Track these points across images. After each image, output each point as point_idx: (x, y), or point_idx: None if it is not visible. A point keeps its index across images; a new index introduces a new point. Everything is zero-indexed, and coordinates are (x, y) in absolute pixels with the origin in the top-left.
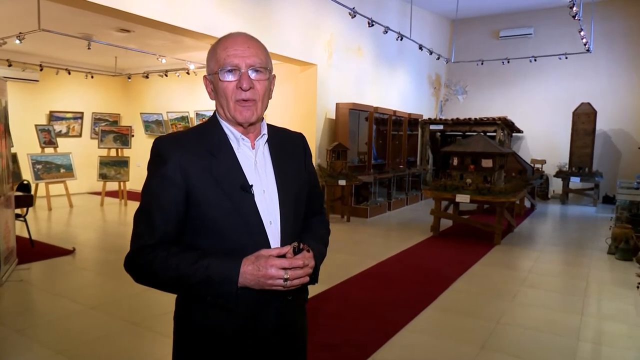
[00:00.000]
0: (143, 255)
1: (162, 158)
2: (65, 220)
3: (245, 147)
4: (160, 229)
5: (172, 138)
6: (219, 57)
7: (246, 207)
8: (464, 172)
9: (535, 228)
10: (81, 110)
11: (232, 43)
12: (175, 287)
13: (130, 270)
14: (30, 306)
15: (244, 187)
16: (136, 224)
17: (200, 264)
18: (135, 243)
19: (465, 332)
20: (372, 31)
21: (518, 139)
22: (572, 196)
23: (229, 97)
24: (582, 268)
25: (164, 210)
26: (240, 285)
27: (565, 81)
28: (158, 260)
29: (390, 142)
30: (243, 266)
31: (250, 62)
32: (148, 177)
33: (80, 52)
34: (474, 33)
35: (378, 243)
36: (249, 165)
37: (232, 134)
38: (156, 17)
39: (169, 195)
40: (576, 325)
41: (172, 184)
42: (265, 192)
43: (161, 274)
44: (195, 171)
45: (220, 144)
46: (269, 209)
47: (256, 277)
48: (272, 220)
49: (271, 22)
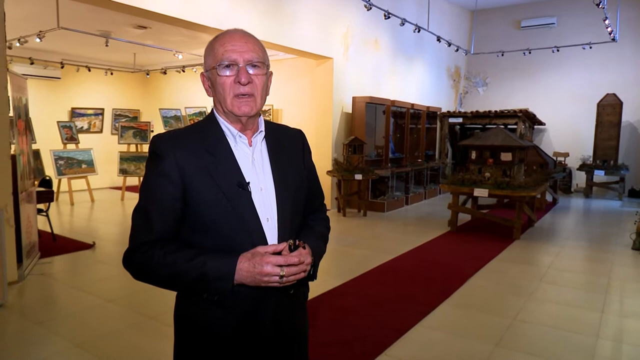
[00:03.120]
0: (140, 252)
1: (159, 156)
2: (87, 215)
3: (243, 144)
4: (157, 226)
5: (169, 136)
6: (217, 52)
7: (243, 205)
8: (482, 165)
9: (556, 223)
10: (102, 107)
11: (230, 39)
12: (172, 284)
13: (129, 267)
14: (51, 299)
15: (241, 184)
16: (134, 222)
17: (196, 261)
18: (133, 240)
19: (480, 329)
20: (389, 23)
21: (540, 132)
22: (596, 190)
23: (227, 92)
24: (605, 264)
25: (161, 208)
26: (236, 282)
27: (590, 72)
28: (155, 257)
29: (408, 135)
30: (239, 263)
31: (248, 57)
32: (145, 175)
33: (99, 49)
34: (495, 24)
35: (394, 238)
36: (246, 163)
37: (229, 131)
38: (172, 14)
39: (166, 193)
40: (596, 322)
41: (169, 181)
42: (262, 190)
43: (158, 272)
44: (192, 169)
45: (217, 141)
46: (266, 206)
47: (252, 274)
48: (269, 218)
49: (286, 16)
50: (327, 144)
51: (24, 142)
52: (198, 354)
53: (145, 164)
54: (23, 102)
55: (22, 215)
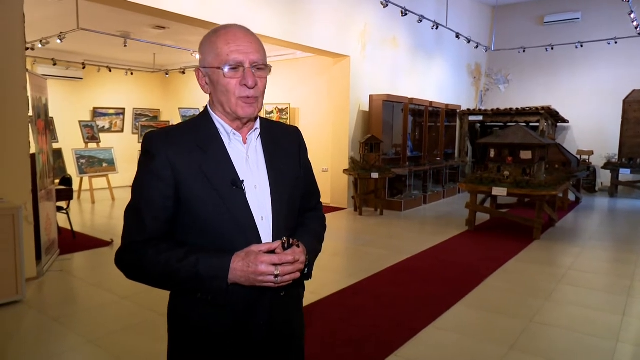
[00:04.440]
0: (132, 251)
1: (150, 154)
2: (107, 213)
3: (237, 142)
4: (149, 225)
5: (162, 133)
6: (221, 51)
7: (237, 203)
8: (501, 164)
9: (579, 222)
10: (123, 106)
11: (234, 37)
12: (165, 284)
13: (121, 266)
14: (68, 295)
15: (235, 182)
16: (126, 221)
17: (189, 260)
18: (125, 239)
19: (494, 331)
20: (407, 21)
21: (563, 129)
22: (622, 189)
23: (232, 93)
24: (628, 265)
25: (153, 207)
26: (230, 281)
27: (615, 67)
28: (147, 256)
29: (427, 134)
30: (233, 262)
31: (253, 59)
32: (137, 173)
33: (119, 50)
34: (517, 19)
35: (410, 237)
36: (240, 160)
37: (223, 128)
38: (189, 14)
39: (158, 192)
40: (616, 325)
41: (161, 180)
42: (257, 188)
43: (151, 271)
44: (184, 166)
45: (211, 138)
46: (260, 204)
47: (246, 273)
48: (264, 216)
49: (303, 15)
50: (344, 143)
51: (43, 141)
52: (192, 354)
53: (138, 160)
54: (43, 101)
55: (41, 212)
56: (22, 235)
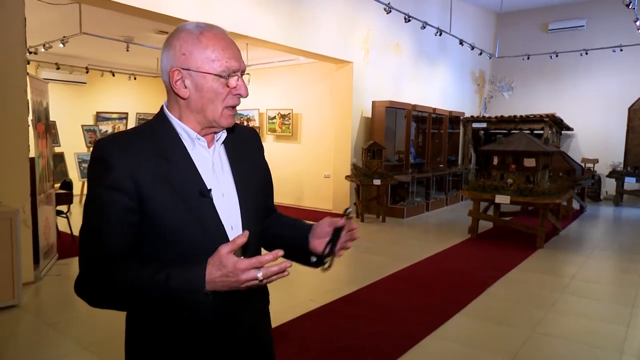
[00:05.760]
0: (96, 276)
1: (107, 164)
2: None
3: (201, 148)
4: (112, 244)
5: (117, 140)
6: (220, 56)
7: (205, 213)
8: (504, 171)
9: (583, 231)
10: (125, 111)
11: (227, 43)
12: (136, 306)
13: (83, 294)
14: (65, 300)
15: (202, 191)
16: (84, 244)
17: (160, 276)
18: (85, 264)
19: (495, 341)
20: (411, 27)
21: (568, 137)
22: (627, 198)
23: (221, 102)
24: (633, 275)
25: (114, 224)
26: (209, 290)
27: (620, 75)
28: (113, 278)
29: (430, 140)
30: (209, 274)
31: (243, 67)
32: (92, 188)
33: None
34: (521, 27)
35: (412, 244)
36: (205, 167)
37: (186, 133)
38: (191, 18)
39: (119, 206)
40: (621, 337)
41: (122, 193)
42: (224, 196)
43: (119, 294)
44: (146, 177)
45: (173, 144)
46: (229, 213)
47: (228, 282)
48: (233, 225)
49: (306, 20)
50: (346, 149)
51: (43, 144)
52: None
53: (87, 173)
54: (43, 105)
55: (40, 216)
56: (19, 239)
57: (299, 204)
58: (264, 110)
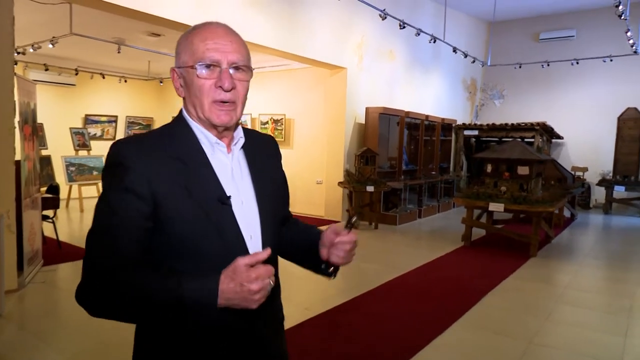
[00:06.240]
0: (102, 282)
1: (123, 167)
2: None
3: (221, 153)
4: (122, 250)
5: (135, 142)
6: (196, 48)
7: (225, 222)
8: (498, 179)
9: (575, 239)
10: (115, 114)
11: (212, 34)
12: (143, 317)
13: (86, 301)
14: (50, 309)
15: (222, 199)
16: (91, 247)
17: (170, 285)
18: (90, 269)
19: (494, 353)
20: (405, 34)
21: (558, 146)
22: (616, 206)
23: (205, 96)
24: (627, 285)
25: (128, 229)
26: (221, 305)
27: (610, 85)
28: (120, 286)
29: (422, 147)
30: (222, 283)
31: (232, 59)
32: (106, 190)
33: (113, 57)
34: (512, 35)
35: (406, 252)
36: (225, 174)
37: (205, 137)
38: (184, 21)
39: (134, 211)
40: (619, 348)
41: (137, 196)
42: (243, 204)
43: (124, 303)
44: (163, 182)
45: (192, 149)
46: (248, 222)
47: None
48: (252, 235)
49: (300, 25)
50: (339, 155)
51: (30, 147)
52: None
53: (102, 175)
54: (31, 107)
55: (25, 221)
56: (3, 245)
57: (290, 210)
58: (257, 115)
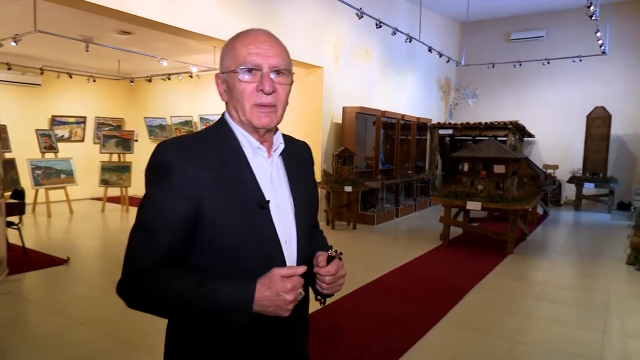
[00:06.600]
0: (142, 277)
1: (169, 167)
2: (64, 228)
3: (261, 158)
4: (164, 249)
5: (180, 143)
6: (239, 53)
7: (263, 226)
8: (475, 178)
9: (549, 236)
10: (84, 115)
11: (254, 40)
12: (178, 315)
13: (125, 294)
14: (16, 321)
15: (261, 203)
16: (133, 243)
17: (208, 287)
18: (132, 264)
19: (478, 353)
20: (380, 34)
21: (529, 144)
22: (586, 202)
23: (247, 99)
24: (601, 280)
25: (171, 228)
26: (255, 312)
27: (579, 84)
28: (159, 283)
29: (398, 146)
30: (258, 291)
31: (273, 63)
32: (151, 189)
33: (81, 56)
34: (485, 36)
35: (385, 252)
36: (264, 178)
37: (247, 141)
38: (156, 18)
39: (178, 211)
40: (598, 344)
41: (182, 197)
42: (280, 209)
43: (162, 300)
44: (207, 184)
45: (235, 153)
46: (284, 227)
47: (274, 302)
48: (287, 240)
49: (276, 24)
50: (316, 155)
51: None
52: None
53: (146, 175)
54: None
55: None
56: None
57: None
58: None
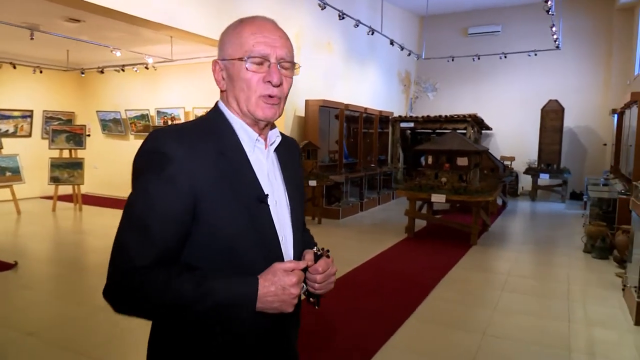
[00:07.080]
0: (134, 278)
1: (165, 157)
2: (11, 229)
3: (259, 151)
4: (159, 245)
5: (176, 132)
6: (245, 41)
7: (263, 221)
8: (438, 170)
9: (509, 226)
10: (30, 108)
11: (261, 28)
12: (176, 316)
13: (114, 298)
14: None
15: (260, 197)
16: (124, 239)
17: (208, 286)
18: (123, 264)
19: (452, 347)
20: (342, 26)
21: (487, 136)
22: (541, 193)
23: (253, 90)
24: (561, 268)
25: (166, 223)
26: (259, 309)
27: (534, 78)
28: (154, 284)
29: (362, 140)
30: (262, 288)
31: (281, 54)
32: (143, 181)
33: (26, 44)
34: (444, 30)
35: (351, 246)
36: (262, 172)
37: (245, 133)
38: (107, 4)
39: (174, 204)
40: (565, 333)
41: (179, 189)
42: (277, 204)
43: (158, 302)
44: (205, 176)
45: (233, 145)
46: (281, 223)
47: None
48: (284, 235)
49: (236, 14)
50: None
51: None
52: None
53: (138, 164)
54: None
55: None
56: None
57: None
58: (190, 108)
